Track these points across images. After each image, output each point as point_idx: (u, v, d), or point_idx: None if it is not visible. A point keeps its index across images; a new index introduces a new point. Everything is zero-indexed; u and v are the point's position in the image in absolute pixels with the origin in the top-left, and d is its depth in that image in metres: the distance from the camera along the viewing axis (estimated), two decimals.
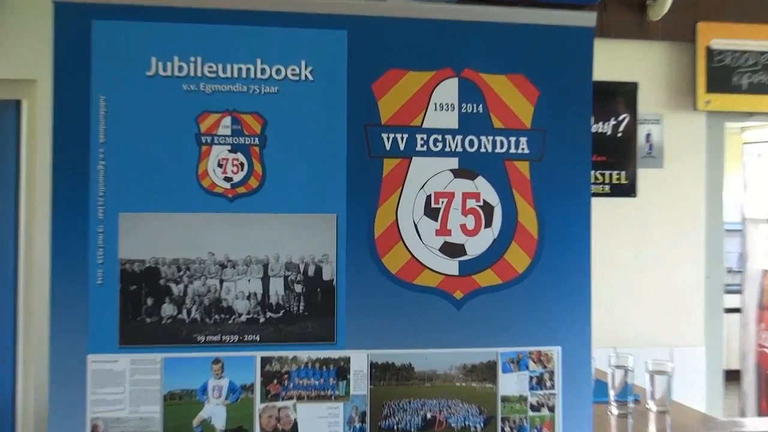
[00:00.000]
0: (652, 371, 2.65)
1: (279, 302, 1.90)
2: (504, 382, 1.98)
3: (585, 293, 2.01)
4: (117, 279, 1.85)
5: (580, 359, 2.01)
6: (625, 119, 4.26)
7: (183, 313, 1.87)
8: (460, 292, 1.96)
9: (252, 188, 1.89)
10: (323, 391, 1.92)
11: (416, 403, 1.95)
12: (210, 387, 1.88)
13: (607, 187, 4.23)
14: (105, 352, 1.85)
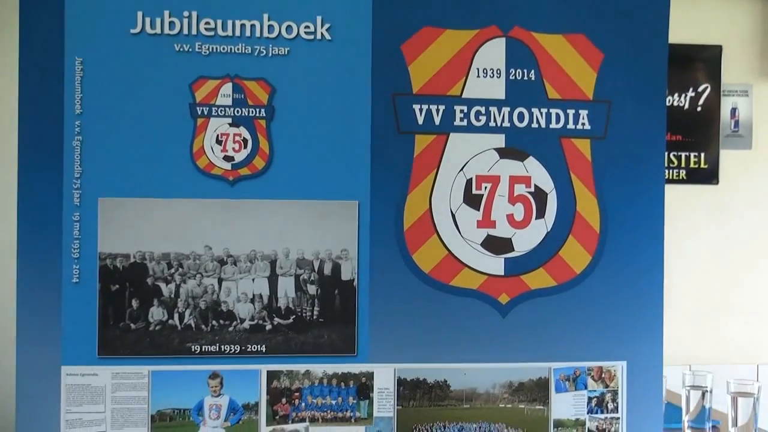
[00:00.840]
0: (735, 393, 2.63)
1: (289, 306, 1.90)
2: (557, 403, 1.97)
3: (656, 298, 2.00)
4: (96, 277, 1.86)
5: (648, 377, 2.01)
6: (706, 90, 4.24)
7: (174, 318, 1.88)
8: (506, 296, 1.96)
9: (257, 170, 1.89)
10: (341, 412, 1.92)
11: (452, 428, 1.95)
12: (207, 406, 1.88)
13: (684, 172, 4.21)
14: (82, 363, 1.86)
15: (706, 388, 2.63)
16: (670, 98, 4.15)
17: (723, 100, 4.24)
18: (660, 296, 2.01)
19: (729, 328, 4.22)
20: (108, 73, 1.86)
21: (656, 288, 2.00)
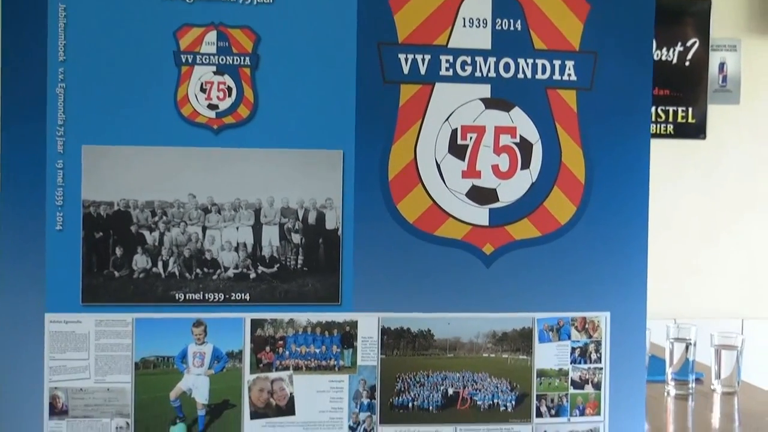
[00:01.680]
0: (719, 345, 2.66)
1: (273, 255, 1.91)
2: (541, 353, 1.99)
3: (640, 250, 2.01)
4: (79, 225, 1.86)
5: (632, 328, 2.02)
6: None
7: (158, 266, 1.88)
8: (491, 246, 1.96)
9: (241, 118, 1.89)
10: (325, 360, 1.93)
11: (436, 377, 1.96)
12: (190, 354, 1.89)
13: (671, 126, 4.21)
14: (66, 311, 1.86)
15: (689, 341, 2.65)
16: (659, 52, 4.15)
17: (711, 55, 4.24)
18: (644, 248, 2.01)
19: (714, 284, 4.23)
20: (92, 20, 1.85)
21: (641, 239, 2.01)
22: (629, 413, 2.01)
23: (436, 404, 1.96)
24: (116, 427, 1.87)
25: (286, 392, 1.92)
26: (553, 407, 1.99)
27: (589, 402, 2.00)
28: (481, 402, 1.97)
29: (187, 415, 1.89)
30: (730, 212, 4.21)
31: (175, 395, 1.89)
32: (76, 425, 1.86)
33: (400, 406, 1.94)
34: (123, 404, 1.87)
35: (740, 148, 4.23)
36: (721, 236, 4.21)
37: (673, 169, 4.13)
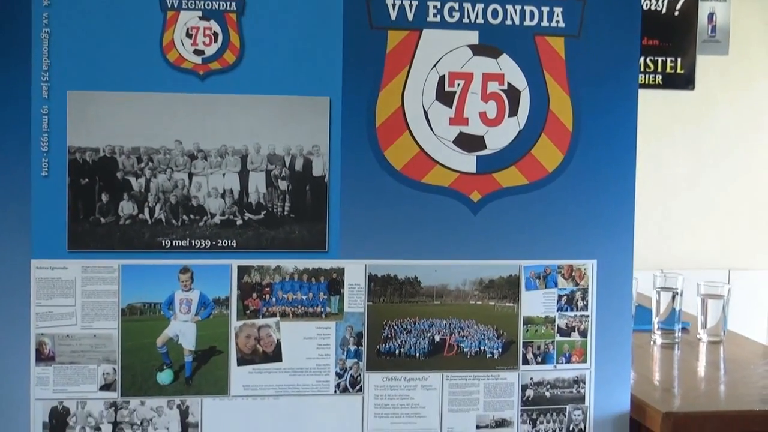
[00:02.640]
0: (705, 295, 2.67)
1: (260, 201, 1.91)
2: (527, 300, 2.00)
3: (627, 198, 2.02)
4: (65, 171, 1.85)
5: (619, 276, 2.03)
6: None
7: (145, 212, 1.88)
8: (478, 194, 1.97)
9: (228, 64, 1.88)
10: (312, 307, 1.94)
11: (422, 324, 1.97)
12: (177, 300, 1.90)
13: (660, 77, 4.21)
14: (52, 257, 1.86)
15: (676, 290, 2.66)
16: (647, 2, 4.13)
17: (700, 5, 4.22)
18: (632, 196, 2.02)
19: (701, 235, 4.25)
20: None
21: (628, 188, 2.02)
22: (615, 361, 2.03)
23: (423, 351, 1.97)
24: (103, 373, 1.88)
25: (272, 339, 1.93)
26: (539, 354, 2.00)
27: (576, 349, 2.01)
28: (468, 349, 1.98)
29: (174, 362, 1.90)
30: (718, 163, 4.21)
31: (162, 342, 1.90)
32: (63, 371, 1.87)
33: (386, 353, 1.96)
34: (110, 350, 1.88)
35: (728, 99, 4.23)
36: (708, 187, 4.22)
37: (661, 119, 4.13)
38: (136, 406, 1.90)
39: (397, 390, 1.96)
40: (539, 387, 2.00)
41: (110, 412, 1.89)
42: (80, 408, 1.88)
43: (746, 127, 4.29)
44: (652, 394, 2.10)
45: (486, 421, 1.99)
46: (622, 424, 2.02)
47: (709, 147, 4.27)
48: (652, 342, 2.63)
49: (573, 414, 2.01)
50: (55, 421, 1.88)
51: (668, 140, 4.20)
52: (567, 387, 2.01)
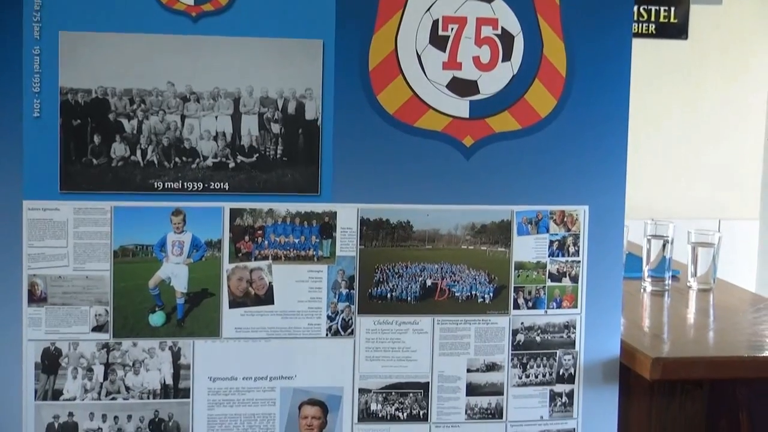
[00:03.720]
0: (695, 243, 2.68)
1: (252, 144, 1.90)
2: (519, 245, 2.00)
3: (620, 145, 2.02)
4: (57, 112, 1.85)
5: (610, 222, 2.04)
6: None
7: (137, 154, 1.88)
8: (471, 138, 1.97)
9: (220, 5, 1.87)
10: (304, 251, 1.94)
11: (414, 268, 1.98)
12: (169, 242, 1.90)
13: (653, 26, 4.20)
14: (44, 198, 1.86)
15: (667, 238, 2.67)
16: None
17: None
18: (624, 143, 2.02)
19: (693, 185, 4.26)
20: None
21: (620, 134, 2.02)
22: (606, 307, 2.04)
23: (415, 295, 1.98)
24: (95, 315, 1.89)
25: (264, 282, 1.93)
26: (530, 299, 2.01)
27: (566, 295, 2.02)
28: (459, 293, 1.99)
29: (166, 304, 1.91)
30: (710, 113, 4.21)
31: (154, 283, 1.90)
32: (55, 312, 1.88)
33: (378, 297, 1.96)
34: (102, 292, 1.88)
35: (721, 49, 4.22)
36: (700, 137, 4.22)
37: (654, 68, 4.12)
38: (128, 347, 1.91)
39: (388, 333, 1.97)
40: (530, 331, 2.01)
41: (102, 353, 1.90)
42: (72, 349, 1.89)
43: (738, 77, 4.28)
44: (641, 340, 2.12)
45: (477, 365, 2.00)
46: (611, 369, 2.03)
47: (701, 97, 4.26)
48: (643, 289, 2.64)
49: (563, 359, 2.02)
50: (47, 361, 1.89)
51: (660, 90, 4.20)
52: (557, 332, 2.02)
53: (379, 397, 1.98)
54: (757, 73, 4.25)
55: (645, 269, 2.68)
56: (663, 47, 4.16)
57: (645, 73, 3.96)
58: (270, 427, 1.95)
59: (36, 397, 1.89)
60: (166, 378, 1.92)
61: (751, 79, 4.25)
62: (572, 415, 2.03)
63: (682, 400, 2.11)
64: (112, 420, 1.91)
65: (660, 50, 4.15)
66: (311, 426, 1.97)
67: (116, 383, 1.90)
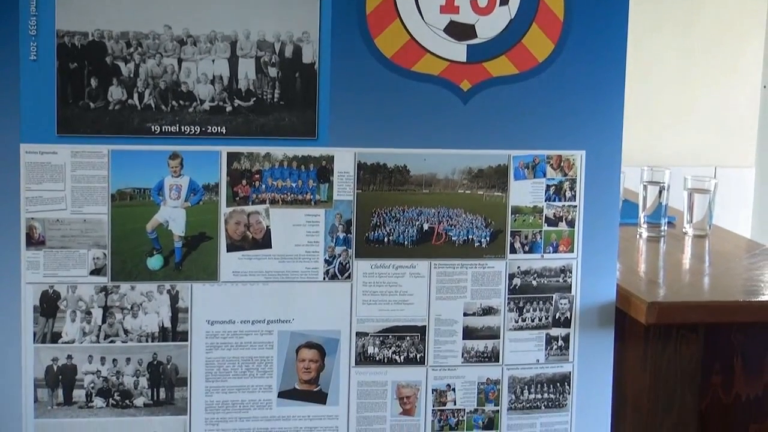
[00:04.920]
0: (692, 189, 2.69)
1: (249, 88, 1.90)
2: (516, 190, 2.01)
3: (617, 90, 2.03)
4: (54, 55, 1.85)
5: (607, 167, 2.04)
6: None
7: (134, 97, 1.88)
8: (468, 83, 1.97)
9: None
10: (301, 194, 1.95)
11: (411, 212, 1.99)
12: (167, 186, 1.91)
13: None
14: (41, 141, 1.86)
15: (663, 184, 2.67)
16: None
17: None
18: (621, 88, 2.03)
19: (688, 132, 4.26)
20: None
21: (618, 79, 2.02)
22: (602, 251, 2.05)
23: (412, 239, 1.99)
24: (93, 258, 1.90)
25: (262, 225, 1.94)
26: (527, 244, 2.02)
27: (563, 239, 2.03)
28: (456, 237, 2.00)
29: (164, 247, 1.92)
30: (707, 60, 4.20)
31: (152, 227, 1.91)
32: (54, 255, 1.89)
33: (375, 241, 1.97)
34: (100, 235, 1.89)
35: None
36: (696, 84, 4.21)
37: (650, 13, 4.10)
38: (127, 290, 1.92)
39: (385, 277, 1.99)
40: (526, 276, 2.03)
41: (101, 296, 1.91)
42: (71, 292, 1.90)
43: (735, 24, 4.27)
44: (637, 285, 2.13)
45: (473, 309, 2.01)
46: (607, 314, 2.05)
47: (697, 43, 4.25)
48: (638, 235, 2.65)
49: (559, 303, 2.04)
50: (45, 304, 1.90)
51: (657, 36, 4.18)
52: (554, 276, 2.03)
53: (377, 340, 2.00)
54: (752, 18, 4.23)
55: (641, 215, 2.69)
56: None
57: (642, 17, 3.94)
58: (268, 370, 1.97)
59: (35, 339, 1.90)
60: (164, 321, 1.94)
61: (747, 25, 4.23)
62: (568, 359, 2.05)
63: (677, 344, 2.12)
64: (110, 363, 1.93)
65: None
66: (309, 369, 1.99)
67: (115, 326, 1.92)
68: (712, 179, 2.73)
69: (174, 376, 1.95)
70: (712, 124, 4.28)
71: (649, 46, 4.14)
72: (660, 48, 4.19)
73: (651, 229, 2.66)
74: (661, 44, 4.20)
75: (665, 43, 4.21)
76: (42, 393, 1.91)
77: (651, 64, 4.16)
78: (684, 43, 4.24)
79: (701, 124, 4.26)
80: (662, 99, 4.21)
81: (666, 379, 2.12)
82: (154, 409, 1.95)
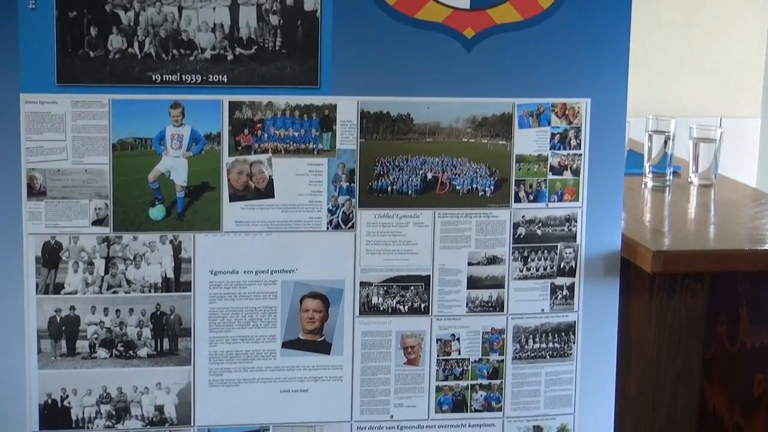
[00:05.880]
0: (697, 138, 2.68)
1: (251, 36, 1.89)
2: (520, 138, 2.00)
3: (622, 37, 2.01)
4: (53, 3, 1.83)
5: (612, 115, 2.03)
6: None
7: (134, 46, 1.86)
8: (471, 30, 1.95)
9: None
10: (304, 144, 1.94)
11: (415, 161, 1.97)
12: (168, 136, 1.90)
13: None
14: (41, 91, 1.85)
15: (668, 134, 2.66)
16: None
17: None
18: (627, 35, 2.01)
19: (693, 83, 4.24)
20: None
21: (623, 26, 2.00)
22: (607, 200, 2.04)
23: (415, 188, 1.97)
24: (95, 209, 1.89)
25: (265, 175, 1.93)
26: (531, 192, 2.01)
27: (568, 188, 2.02)
28: (460, 187, 1.99)
29: (166, 197, 1.91)
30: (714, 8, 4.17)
31: (154, 177, 1.90)
32: (55, 206, 1.88)
33: (379, 190, 1.96)
34: (101, 186, 1.88)
35: None
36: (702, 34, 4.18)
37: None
38: (129, 241, 1.91)
39: (389, 227, 1.98)
40: (531, 225, 2.02)
41: (103, 246, 1.90)
42: (73, 242, 1.89)
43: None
44: (642, 234, 2.13)
45: (477, 258, 2.01)
46: (612, 263, 2.04)
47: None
48: (644, 185, 2.64)
49: (564, 252, 2.03)
50: (47, 255, 1.89)
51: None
52: (558, 225, 2.02)
53: (381, 290, 1.99)
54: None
55: (646, 165, 2.68)
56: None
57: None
58: (271, 320, 1.97)
59: (37, 290, 1.90)
60: (167, 271, 1.93)
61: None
62: (573, 308, 2.05)
63: (682, 294, 2.12)
64: (113, 313, 1.92)
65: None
66: (313, 319, 1.98)
67: (117, 277, 1.91)
68: (717, 128, 2.71)
69: (177, 327, 1.94)
70: (718, 75, 4.25)
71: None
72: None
73: (656, 178, 2.65)
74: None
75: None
76: (45, 344, 1.91)
77: (656, 12, 4.12)
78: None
79: (707, 75, 4.24)
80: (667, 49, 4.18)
81: (671, 329, 2.13)
82: (157, 359, 1.95)
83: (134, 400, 1.95)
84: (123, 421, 1.95)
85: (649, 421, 2.16)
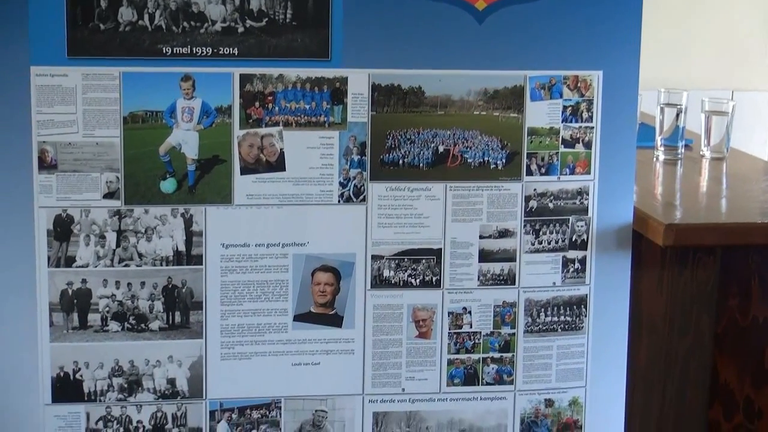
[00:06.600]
0: (709, 111, 2.66)
1: (261, 8, 1.88)
2: (532, 111, 1.99)
3: (635, 8, 2.00)
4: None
5: (624, 88, 2.02)
6: None
7: (144, 18, 1.85)
8: (483, 2, 1.94)
9: None
10: (315, 116, 1.93)
11: (426, 134, 1.97)
12: (179, 108, 1.89)
13: None
14: (52, 63, 1.85)
15: (680, 107, 2.65)
16: None
17: None
18: (639, 6, 2.00)
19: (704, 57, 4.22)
20: None
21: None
22: (619, 173, 2.03)
23: (427, 161, 1.97)
24: (106, 182, 1.89)
25: (276, 148, 1.92)
26: (543, 165, 2.00)
27: (580, 161, 2.01)
28: (472, 160, 1.98)
29: (177, 170, 1.91)
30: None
31: (165, 150, 1.90)
32: (66, 179, 1.88)
33: (390, 163, 1.96)
34: (112, 159, 1.88)
35: None
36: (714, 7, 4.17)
37: None
38: (140, 214, 1.91)
39: (400, 200, 1.97)
40: (543, 198, 2.01)
41: (114, 220, 1.90)
42: (84, 216, 1.89)
43: None
44: (654, 207, 2.12)
45: (489, 231, 2.00)
46: (624, 236, 2.04)
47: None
48: (655, 158, 2.64)
49: (576, 225, 2.03)
50: (59, 228, 1.89)
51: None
52: (570, 198, 2.02)
53: (392, 263, 1.99)
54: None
55: (658, 138, 2.67)
56: None
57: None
58: (283, 293, 1.97)
59: (49, 264, 1.90)
60: (178, 245, 1.93)
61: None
62: (585, 281, 2.04)
63: (694, 267, 2.12)
64: (125, 286, 1.93)
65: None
66: (324, 292, 1.98)
67: (129, 250, 1.91)
68: (729, 101, 2.70)
69: (189, 300, 1.95)
70: (730, 48, 4.24)
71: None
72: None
73: (668, 151, 2.64)
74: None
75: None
76: (57, 317, 1.92)
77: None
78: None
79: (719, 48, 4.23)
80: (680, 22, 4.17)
81: (683, 302, 2.13)
82: (169, 332, 1.95)
83: (146, 373, 1.95)
84: (135, 394, 1.95)
85: (661, 394, 2.16)
